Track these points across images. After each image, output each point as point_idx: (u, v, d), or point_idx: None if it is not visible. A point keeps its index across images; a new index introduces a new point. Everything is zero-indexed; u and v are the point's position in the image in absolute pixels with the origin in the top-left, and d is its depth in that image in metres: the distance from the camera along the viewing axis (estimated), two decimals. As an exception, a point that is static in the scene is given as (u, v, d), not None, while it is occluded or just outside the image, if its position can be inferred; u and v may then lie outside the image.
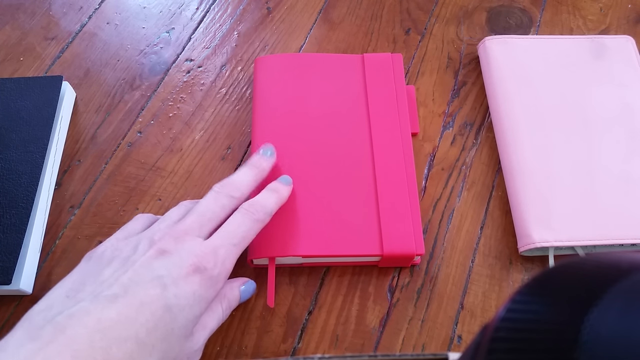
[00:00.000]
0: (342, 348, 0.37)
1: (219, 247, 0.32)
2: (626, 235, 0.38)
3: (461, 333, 0.37)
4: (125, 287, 0.29)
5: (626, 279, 0.14)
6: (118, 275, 0.29)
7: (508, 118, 0.43)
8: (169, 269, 0.30)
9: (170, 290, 0.29)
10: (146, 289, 0.29)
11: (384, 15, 0.52)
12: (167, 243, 0.31)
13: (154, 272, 0.30)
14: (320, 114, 0.43)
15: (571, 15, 0.52)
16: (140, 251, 0.31)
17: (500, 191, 0.43)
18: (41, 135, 0.41)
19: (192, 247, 0.31)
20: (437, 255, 0.40)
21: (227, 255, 0.32)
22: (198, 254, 0.31)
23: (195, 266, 0.30)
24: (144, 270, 0.30)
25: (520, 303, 0.16)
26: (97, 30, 0.50)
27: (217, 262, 0.31)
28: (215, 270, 0.31)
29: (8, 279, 0.36)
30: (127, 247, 0.32)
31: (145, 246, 0.31)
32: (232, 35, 0.50)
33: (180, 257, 0.31)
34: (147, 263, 0.30)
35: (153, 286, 0.29)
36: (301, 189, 0.39)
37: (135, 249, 0.31)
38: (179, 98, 0.47)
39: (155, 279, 0.29)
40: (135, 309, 0.28)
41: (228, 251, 0.32)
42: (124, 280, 0.29)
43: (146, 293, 0.28)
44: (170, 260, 0.30)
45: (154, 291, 0.29)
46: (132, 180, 0.43)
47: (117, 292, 0.28)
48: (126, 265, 0.30)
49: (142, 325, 0.27)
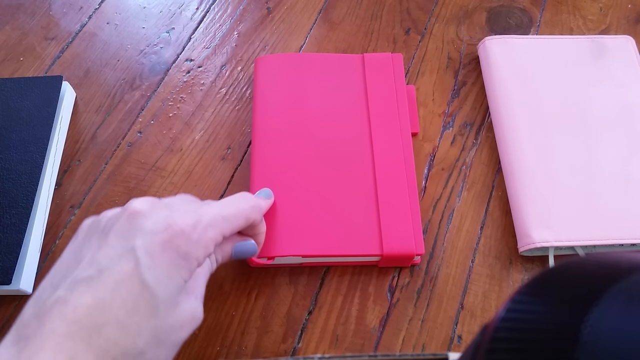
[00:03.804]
0: (342, 348, 0.37)
1: (202, 215, 0.29)
2: (626, 235, 0.38)
3: (461, 333, 0.37)
4: (99, 266, 0.26)
5: (626, 279, 0.14)
6: (93, 252, 0.27)
7: (508, 118, 0.43)
8: (142, 236, 0.27)
9: (144, 263, 0.26)
10: (119, 264, 0.26)
11: (384, 15, 0.52)
12: (140, 205, 0.28)
13: (127, 242, 0.27)
14: (320, 114, 0.43)
15: (571, 15, 0.52)
16: (113, 218, 0.29)
17: (500, 191, 0.43)
18: (41, 135, 0.41)
19: (169, 212, 0.29)
20: (437, 255, 0.40)
21: (211, 223, 0.29)
22: (174, 216, 0.28)
23: (171, 230, 0.27)
24: (116, 241, 0.27)
25: (520, 303, 0.16)
26: (97, 30, 0.50)
27: (198, 226, 0.29)
28: (194, 234, 0.28)
29: (8, 279, 0.36)
30: (104, 217, 0.30)
31: (118, 212, 0.29)
32: (232, 35, 0.50)
33: (155, 221, 0.28)
34: (119, 231, 0.28)
35: (126, 261, 0.26)
36: (301, 189, 0.39)
37: (109, 219, 0.29)
38: (179, 98, 0.47)
39: (128, 252, 0.27)
40: (111, 290, 0.26)
41: (213, 220, 0.30)
42: (98, 257, 0.27)
43: (119, 270, 0.26)
44: (143, 225, 0.28)
45: (127, 266, 0.26)
46: (132, 180, 0.43)
47: (91, 274, 0.26)
48: (100, 238, 0.28)
49: (120, 307, 0.25)
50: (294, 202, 0.39)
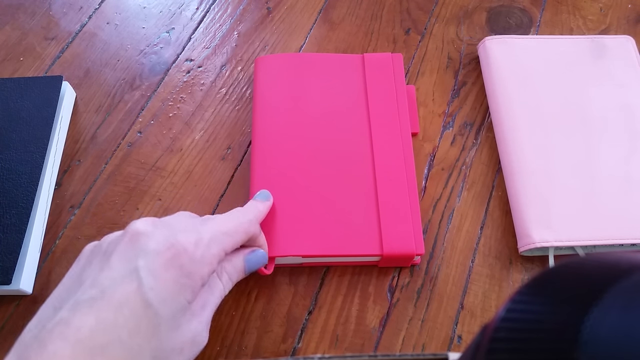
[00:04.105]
0: (342, 348, 0.37)
1: (203, 232, 0.29)
2: (626, 235, 0.38)
3: (461, 333, 0.37)
4: (102, 287, 0.26)
5: (626, 279, 0.14)
6: (95, 274, 0.27)
7: (508, 118, 0.43)
8: (145, 256, 0.27)
9: (147, 283, 0.26)
10: (122, 285, 0.26)
11: (384, 15, 0.52)
12: (142, 226, 0.28)
13: (129, 263, 0.27)
14: (320, 114, 0.43)
15: (571, 15, 0.52)
16: (115, 240, 0.29)
17: (500, 191, 0.43)
18: (41, 135, 0.41)
19: (171, 231, 0.29)
20: (437, 255, 0.40)
21: (213, 239, 0.30)
22: (177, 235, 0.28)
23: (174, 249, 0.28)
24: (119, 263, 0.27)
25: (520, 303, 0.16)
26: (97, 30, 0.50)
27: (200, 244, 0.29)
28: (197, 252, 0.28)
29: (8, 279, 0.36)
30: (106, 240, 0.30)
31: (119, 234, 0.29)
32: (232, 35, 0.50)
33: (157, 241, 0.28)
34: (121, 253, 0.28)
35: (129, 281, 0.26)
36: (301, 189, 0.39)
37: (112, 240, 0.29)
38: (179, 98, 0.47)
39: (131, 272, 0.27)
40: (114, 310, 0.26)
41: (214, 236, 0.30)
42: (101, 279, 0.27)
43: (123, 291, 0.26)
44: (145, 245, 0.28)
45: (130, 287, 0.26)
46: (132, 180, 0.43)
47: (94, 295, 0.26)
48: (102, 260, 0.28)
49: (122, 327, 0.26)
50: (294, 202, 0.39)
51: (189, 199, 0.42)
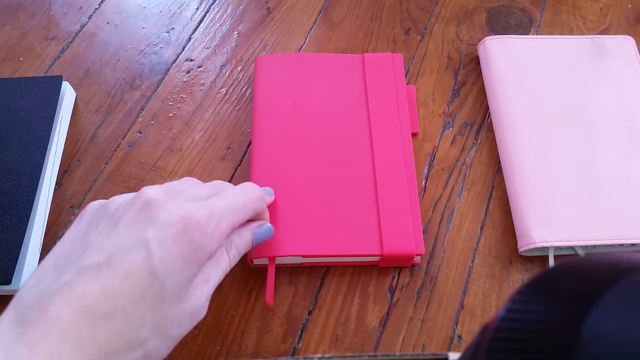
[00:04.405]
0: (342, 348, 0.37)
1: (215, 207, 0.29)
2: (626, 235, 0.38)
3: (461, 333, 0.37)
4: (108, 254, 0.26)
5: (626, 279, 0.14)
6: (102, 239, 0.27)
7: (508, 118, 0.43)
8: (155, 227, 0.27)
9: (156, 254, 0.26)
10: (130, 254, 0.26)
11: (384, 15, 0.52)
12: (154, 194, 0.28)
13: (139, 232, 0.26)
14: (320, 114, 0.43)
15: (571, 15, 0.52)
16: (124, 205, 0.28)
17: (500, 191, 0.43)
18: (41, 135, 0.41)
19: (182, 200, 0.28)
20: (437, 255, 0.40)
21: (224, 215, 0.29)
22: (189, 208, 0.28)
23: (186, 221, 0.27)
24: (127, 231, 0.27)
25: (520, 303, 0.16)
26: (97, 30, 0.50)
27: (212, 219, 0.28)
28: (208, 226, 0.28)
29: (8, 279, 0.36)
30: (113, 203, 0.29)
31: (129, 199, 0.28)
32: (232, 35, 0.50)
33: (169, 212, 0.27)
34: (131, 221, 0.27)
35: (138, 251, 0.26)
36: (301, 189, 0.39)
37: (119, 205, 0.28)
38: (179, 98, 0.47)
39: (140, 242, 0.26)
40: (120, 279, 0.25)
41: (225, 212, 0.29)
42: (107, 245, 0.26)
43: (130, 260, 0.26)
44: (157, 215, 0.27)
45: (139, 257, 0.26)
46: (132, 180, 0.43)
47: (100, 262, 0.26)
48: (110, 226, 0.27)
49: (127, 297, 0.25)
50: (294, 202, 0.39)
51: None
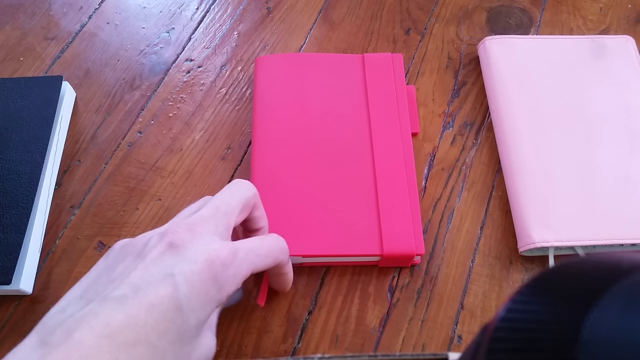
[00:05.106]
0: (342, 348, 0.37)
1: (239, 249, 0.30)
2: (626, 235, 0.38)
3: (461, 333, 0.37)
4: (135, 286, 0.27)
5: (626, 279, 0.14)
6: (128, 272, 0.28)
7: (508, 118, 0.43)
8: (182, 264, 0.28)
9: (182, 290, 0.27)
10: (157, 288, 0.27)
11: (384, 15, 0.52)
12: (179, 235, 0.29)
13: (165, 269, 0.27)
14: (320, 114, 0.43)
15: (571, 15, 0.52)
16: (151, 244, 0.29)
17: (500, 191, 0.43)
18: (41, 135, 0.41)
19: (209, 242, 0.29)
20: (437, 255, 0.40)
21: (245, 259, 0.30)
22: (216, 248, 0.29)
23: (211, 262, 0.28)
24: (154, 267, 0.28)
25: (520, 303, 0.16)
26: (97, 30, 0.50)
27: (234, 262, 0.29)
28: (230, 269, 0.29)
29: (8, 279, 0.36)
30: (140, 241, 0.30)
31: (156, 239, 0.29)
32: (232, 35, 0.50)
33: (195, 252, 0.28)
34: (158, 258, 0.28)
35: (164, 285, 0.27)
36: (301, 188, 0.39)
37: (147, 243, 0.29)
38: (179, 98, 0.47)
39: (167, 277, 0.27)
40: (145, 310, 0.26)
41: (247, 256, 0.30)
42: (133, 278, 0.27)
43: (156, 293, 0.26)
44: (184, 254, 0.28)
45: (165, 291, 0.27)
46: (132, 180, 0.43)
47: (126, 293, 0.26)
48: (137, 261, 0.28)
49: (152, 328, 0.26)
50: (294, 202, 0.39)
51: (189, 199, 0.42)
